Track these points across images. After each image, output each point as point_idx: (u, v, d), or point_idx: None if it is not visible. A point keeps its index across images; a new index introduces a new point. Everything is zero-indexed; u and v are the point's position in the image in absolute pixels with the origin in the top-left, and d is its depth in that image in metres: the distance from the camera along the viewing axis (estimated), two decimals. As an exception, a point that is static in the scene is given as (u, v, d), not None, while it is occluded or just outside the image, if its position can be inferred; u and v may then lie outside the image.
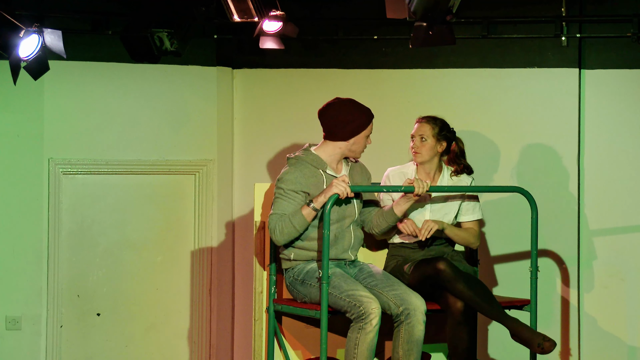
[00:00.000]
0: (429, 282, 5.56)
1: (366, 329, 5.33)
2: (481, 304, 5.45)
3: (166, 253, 7.05)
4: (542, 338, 5.34)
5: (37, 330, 6.80)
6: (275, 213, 5.49)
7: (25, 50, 5.74)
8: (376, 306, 5.33)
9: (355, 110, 5.57)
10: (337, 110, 5.57)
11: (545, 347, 5.33)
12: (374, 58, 7.02)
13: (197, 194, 7.08)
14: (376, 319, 5.33)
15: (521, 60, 6.92)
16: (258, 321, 5.83)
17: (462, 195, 5.87)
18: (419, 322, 5.43)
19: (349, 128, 5.56)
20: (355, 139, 5.58)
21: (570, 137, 6.86)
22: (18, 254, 6.78)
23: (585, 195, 6.84)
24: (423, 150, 5.82)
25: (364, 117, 5.58)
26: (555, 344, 5.35)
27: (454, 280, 5.46)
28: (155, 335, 7.02)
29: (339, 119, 5.55)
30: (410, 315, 5.42)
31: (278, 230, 5.46)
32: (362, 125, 5.57)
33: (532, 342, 5.35)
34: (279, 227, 5.45)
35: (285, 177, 5.53)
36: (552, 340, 5.35)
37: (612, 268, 6.82)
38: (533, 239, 5.72)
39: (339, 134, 5.57)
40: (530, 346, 5.36)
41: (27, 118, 6.79)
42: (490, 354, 6.85)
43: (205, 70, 7.06)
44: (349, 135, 5.57)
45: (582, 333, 6.82)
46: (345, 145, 5.59)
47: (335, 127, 5.56)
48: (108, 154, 6.92)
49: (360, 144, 5.61)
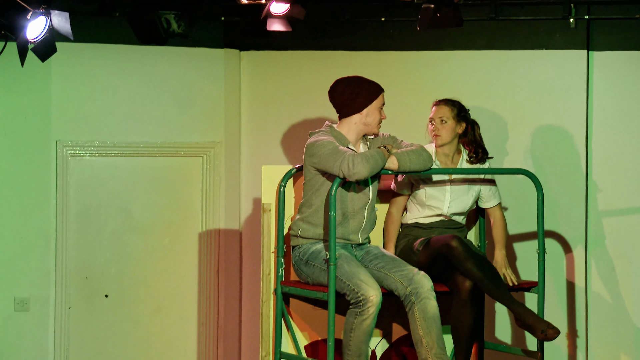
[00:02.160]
0: (439, 260, 5.56)
1: (363, 315, 5.33)
2: (489, 285, 5.45)
3: (174, 235, 7.06)
4: (547, 325, 5.35)
5: (45, 311, 6.82)
6: (339, 157, 5.35)
7: (33, 32, 5.74)
8: (375, 294, 5.32)
9: (364, 82, 5.58)
10: (345, 84, 5.58)
11: (548, 334, 5.34)
12: (381, 40, 7.01)
13: (205, 176, 7.09)
14: (373, 308, 5.32)
15: (529, 42, 6.90)
16: (265, 303, 5.84)
17: (481, 180, 5.89)
18: (429, 299, 5.41)
19: (360, 99, 5.55)
20: (368, 109, 5.57)
21: (578, 119, 6.85)
22: (26, 235, 6.80)
23: (593, 177, 6.84)
24: (443, 132, 5.84)
25: (373, 87, 5.58)
26: (559, 332, 5.36)
27: (464, 259, 5.46)
28: (162, 317, 7.04)
29: (348, 92, 5.55)
30: (420, 294, 5.41)
31: (359, 160, 5.31)
32: (373, 95, 5.57)
33: (536, 328, 5.36)
34: (359, 158, 5.32)
35: (321, 139, 5.48)
36: (556, 328, 5.36)
37: (619, 250, 6.82)
38: (540, 222, 5.72)
39: (352, 107, 5.56)
40: (534, 332, 5.37)
41: (34, 100, 6.80)
42: (498, 336, 6.86)
43: (212, 53, 7.05)
44: (361, 106, 5.56)
45: (589, 315, 6.82)
46: (359, 118, 5.58)
47: (347, 101, 5.56)
48: (115, 136, 6.93)
49: (374, 116, 5.59)
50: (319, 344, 5.89)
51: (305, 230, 5.60)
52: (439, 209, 5.81)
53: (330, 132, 5.59)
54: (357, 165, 5.32)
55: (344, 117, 5.62)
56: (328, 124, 5.66)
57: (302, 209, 5.63)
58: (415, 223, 5.85)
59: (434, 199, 5.81)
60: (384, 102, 5.62)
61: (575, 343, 6.84)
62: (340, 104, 5.59)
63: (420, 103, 5.94)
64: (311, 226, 5.59)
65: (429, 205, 5.82)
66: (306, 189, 5.62)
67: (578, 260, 6.84)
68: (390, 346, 6.04)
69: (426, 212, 5.83)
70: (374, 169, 5.37)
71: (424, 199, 5.82)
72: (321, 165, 5.46)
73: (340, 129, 5.61)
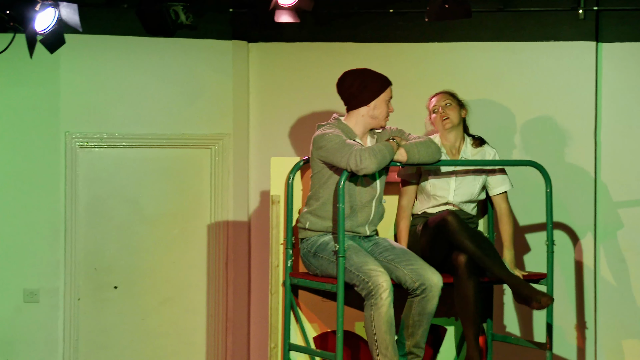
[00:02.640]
0: (438, 240, 5.55)
1: (378, 304, 5.32)
2: (484, 258, 5.44)
3: (182, 227, 7.07)
4: (541, 294, 5.35)
5: (54, 302, 6.84)
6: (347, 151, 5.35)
7: (42, 23, 5.75)
8: (385, 279, 5.32)
9: (372, 75, 5.59)
10: (353, 76, 5.58)
11: (542, 301, 5.33)
12: (389, 31, 7.00)
13: (213, 168, 7.09)
14: (386, 293, 5.31)
15: (537, 34, 6.89)
16: (274, 295, 5.85)
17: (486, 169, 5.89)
18: (433, 297, 5.43)
19: (368, 92, 5.56)
20: (376, 102, 5.58)
21: (587, 111, 6.84)
22: (35, 227, 6.81)
23: (602, 168, 6.83)
24: (452, 114, 5.85)
25: (381, 80, 5.59)
26: (552, 299, 5.35)
27: (458, 232, 5.44)
28: (171, 308, 7.05)
29: (356, 84, 5.55)
30: (426, 291, 5.42)
31: (367, 154, 5.32)
32: (380, 88, 5.57)
33: (530, 299, 5.35)
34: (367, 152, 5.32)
35: (328, 132, 5.49)
36: (549, 295, 5.39)
37: (628, 242, 6.81)
38: (548, 213, 5.72)
39: (359, 99, 5.57)
40: (530, 303, 5.36)
41: (43, 92, 6.80)
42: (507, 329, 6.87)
43: (220, 44, 7.05)
44: (369, 98, 5.56)
45: (598, 306, 6.82)
46: (366, 110, 5.58)
47: (354, 93, 5.56)
48: (124, 128, 6.93)
49: (382, 109, 5.59)
50: (328, 336, 5.89)
51: (314, 222, 5.60)
52: (444, 198, 5.82)
53: (337, 125, 5.59)
54: (365, 159, 5.31)
55: (351, 110, 5.62)
56: (336, 116, 5.66)
57: (310, 201, 5.63)
58: (424, 213, 5.86)
59: (439, 189, 5.82)
60: (392, 96, 5.62)
61: (584, 334, 6.84)
62: (348, 96, 5.59)
63: (428, 95, 5.93)
64: (319, 219, 5.59)
65: (434, 195, 5.82)
66: (313, 181, 5.62)
67: (587, 252, 6.84)
68: (399, 338, 6.04)
69: (432, 202, 5.84)
70: (382, 162, 5.37)
71: (429, 189, 5.82)
72: (329, 158, 5.45)
73: (348, 122, 5.61)
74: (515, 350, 6.37)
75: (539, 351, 5.84)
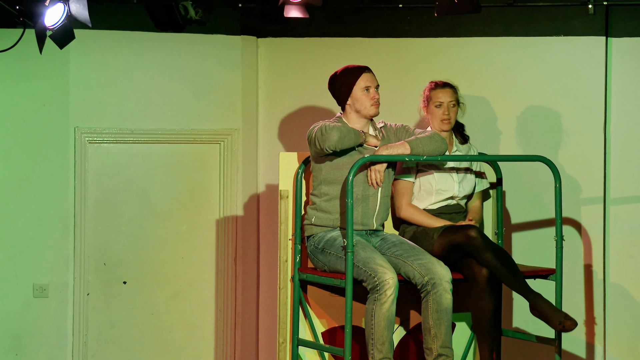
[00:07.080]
0: (455, 249, 5.56)
1: (381, 299, 5.34)
2: (506, 274, 5.45)
3: (191, 222, 7.08)
4: (564, 316, 5.34)
5: (64, 297, 6.86)
6: (315, 128, 5.56)
7: (51, 19, 5.75)
8: (391, 276, 5.34)
9: (342, 73, 5.70)
10: (332, 78, 5.74)
11: (566, 325, 5.33)
12: (398, 26, 7.00)
13: (222, 163, 7.10)
14: (391, 290, 5.33)
15: (547, 29, 6.87)
16: (283, 290, 5.86)
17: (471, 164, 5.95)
18: (445, 291, 5.44)
19: (344, 88, 5.66)
20: (352, 97, 5.67)
21: (596, 106, 6.82)
22: (45, 222, 6.83)
23: (612, 164, 6.81)
24: (453, 116, 5.91)
25: (352, 72, 5.67)
26: (577, 324, 5.34)
27: (482, 249, 5.46)
28: (180, 303, 7.06)
29: (336, 84, 5.70)
30: (437, 285, 5.43)
31: (330, 127, 5.49)
32: (352, 80, 5.65)
33: (552, 319, 5.34)
34: (331, 126, 5.50)
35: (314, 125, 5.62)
36: (574, 319, 5.35)
37: (638, 237, 6.79)
38: (557, 208, 5.71)
39: (340, 97, 5.71)
40: (551, 323, 5.36)
41: (52, 87, 6.81)
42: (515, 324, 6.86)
43: (229, 39, 7.05)
44: (345, 96, 5.68)
45: (607, 302, 6.81)
46: (350, 106, 5.68)
47: (337, 93, 5.71)
48: (133, 123, 6.94)
49: (362, 99, 5.66)
50: (337, 331, 5.90)
51: (320, 217, 5.62)
52: (450, 192, 5.83)
53: (338, 122, 5.69)
54: (328, 131, 5.46)
55: (342, 109, 5.76)
56: (339, 115, 5.73)
57: (312, 197, 5.67)
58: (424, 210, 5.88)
59: (444, 183, 5.83)
60: (374, 83, 5.66)
61: (593, 330, 6.83)
62: (336, 98, 5.76)
63: (437, 90, 5.92)
64: (324, 213, 5.62)
65: (438, 189, 5.83)
66: (314, 177, 5.68)
67: (596, 248, 6.83)
68: (408, 333, 6.04)
69: (434, 197, 5.84)
70: (344, 138, 5.47)
71: (433, 184, 5.82)
72: (310, 145, 5.59)
73: (347, 120, 5.71)
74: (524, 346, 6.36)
75: (547, 347, 5.83)
